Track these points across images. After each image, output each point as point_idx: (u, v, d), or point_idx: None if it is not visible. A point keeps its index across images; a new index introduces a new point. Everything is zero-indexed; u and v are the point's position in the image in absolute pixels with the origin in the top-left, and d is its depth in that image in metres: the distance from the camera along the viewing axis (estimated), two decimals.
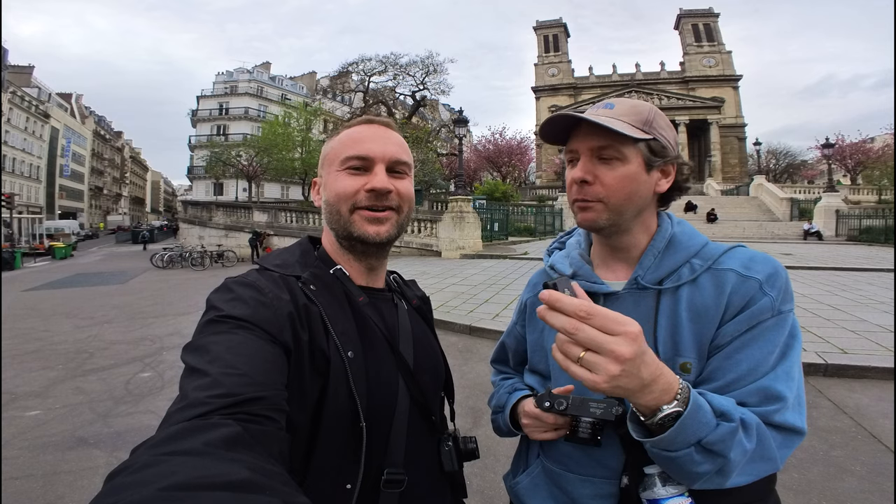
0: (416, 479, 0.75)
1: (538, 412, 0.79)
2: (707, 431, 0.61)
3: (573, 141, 0.80)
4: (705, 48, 49.53)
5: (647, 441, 0.64)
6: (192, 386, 0.54)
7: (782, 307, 0.72)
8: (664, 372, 0.61)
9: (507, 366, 1.07)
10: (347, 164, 0.78)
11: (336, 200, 0.78)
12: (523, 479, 0.90)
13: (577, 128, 0.79)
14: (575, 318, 0.56)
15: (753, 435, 0.64)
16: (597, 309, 0.57)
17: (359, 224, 0.78)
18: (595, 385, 0.57)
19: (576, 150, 0.80)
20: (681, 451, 0.62)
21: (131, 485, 0.38)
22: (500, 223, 20.62)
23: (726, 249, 0.80)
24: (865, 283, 8.90)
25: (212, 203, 26.47)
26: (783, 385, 0.68)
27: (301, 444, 0.66)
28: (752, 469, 0.66)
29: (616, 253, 0.85)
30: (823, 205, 23.32)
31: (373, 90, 36.00)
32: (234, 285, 0.70)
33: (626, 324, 0.56)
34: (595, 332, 0.56)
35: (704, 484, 0.66)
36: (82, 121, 64.37)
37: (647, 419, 0.63)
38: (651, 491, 0.70)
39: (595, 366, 0.56)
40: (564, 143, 0.83)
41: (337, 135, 0.83)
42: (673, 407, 0.61)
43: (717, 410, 0.63)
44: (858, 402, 3.75)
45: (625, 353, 0.55)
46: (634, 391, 0.59)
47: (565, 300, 0.57)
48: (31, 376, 4.92)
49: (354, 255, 0.82)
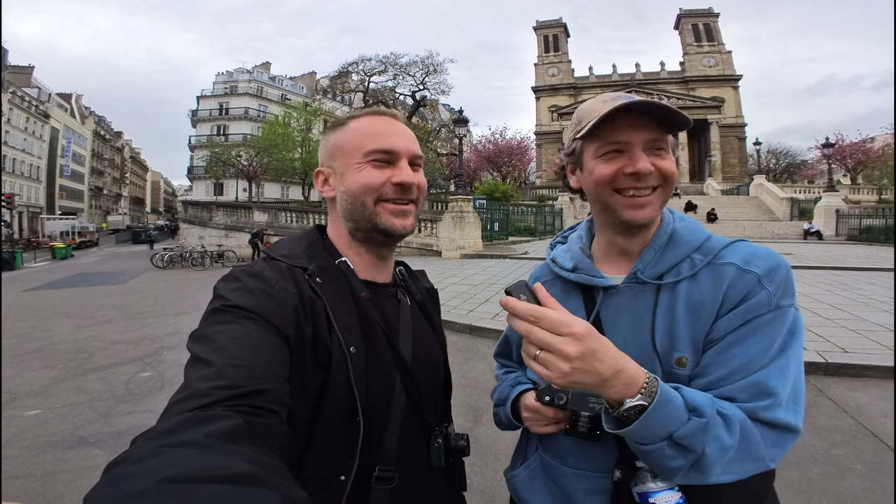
0: (407, 474, 0.75)
1: (538, 406, 0.79)
2: (677, 426, 0.62)
3: (619, 132, 0.75)
4: (705, 48, 49.53)
5: (618, 433, 0.65)
6: (196, 376, 0.55)
7: (781, 302, 0.70)
8: (626, 367, 0.63)
9: (510, 359, 1.07)
10: (372, 156, 0.78)
11: (361, 192, 0.78)
12: (521, 472, 0.91)
13: (621, 119, 0.74)
14: (526, 321, 0.61)
15: (736, 431, 0.63)
16: (544, 312, 0.61)
17: (384, 216, 0.79)
18: (550, 380, 0.62)
19: (626, 142, 0.76)
20: (653, 444, 0.63)
21: (129, 476, 0.38)
22: (500, 223, 20.63)
23: (728, 244, 0.79)
24: (866, 283, 8.89)
25: (212, 203, 26.47)
26: (776, 381, 0.66)
27: (300, 435, 0.66)
28: (738, 467, 0.65)
29: (625, 246, 0.84)
30: (823, 204, 23.32)
31: (373, 90, 36.02)
32: (241, 275, 0.71)
33: (571, 325, 0.60)
34: (544, 334, 0.60)
35: (684, 479, 0.65)
36: (82, 121, 64.40)
37: (613, 411, 0.65)
38: (642, 485, 0.70)
39: (548, 363, 0.60)
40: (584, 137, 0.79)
41: (343, 126, 0.83)
42: (636, 400, 0.62)
43: (690, 405, 0.63)
44: (859, 400, 3.75)
45: (571, 352, 0.59)
46: (593, 385, 0.62)
47: (518, 306, 0.62)
48: (32, 376, 4.92)
49: (368, 246, 0.82)
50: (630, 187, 0.77)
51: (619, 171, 0.77)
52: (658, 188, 0.78)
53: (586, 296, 0.85)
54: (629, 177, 0.77)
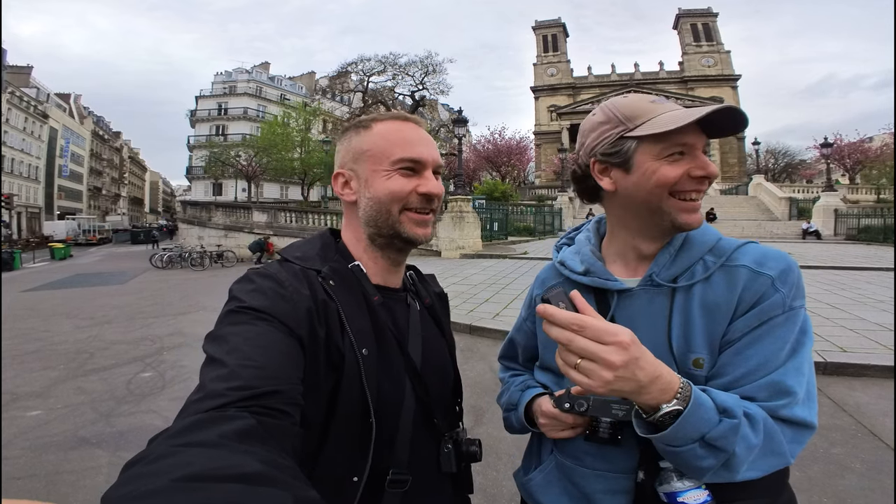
0: (418, 477, 0.76)
1: (557, 412, 0.79)
2: (709, 427, 0.63)
3: (687, 135, 0.75)
4: (704, 48, 49.60)
5: (652, 437, 0.66)
6: (210, 377, 0.55)
7: (793, 303, 0.72)
8: (663, 373, 0.63)
9: (515, 362, 1.06)
10: (400, 164, 0.78)
11: (389, 200, 0.78)
12: (536, 475, 0.90)
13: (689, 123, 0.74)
14: (569, 330, 0.61)
15: (760, 430, 0.65)
16: (588, 321, 0.61)
17: (408, 225, 0.79)
18: (592, 389, 0.61)
19: (691, 145, 0.76)
20: (685, 446, 0.64)
21: (147, 475, 0.39)
22: (499, 223, 20.64)
23: (739, 245, 0.79)
24: (864, 282, 8.93)
25: (211, 203, 26.40)
26: (793, 380, 0.68)
27: (313, 436, 0.67)
28: (763, 464, 0.67)
29: (647, 251, 0.83)
30: (822, 204, 23.36)
31: (372, 90, 36.03)
32: (255, 276, 0.71)
33: (617, 334, 0.60)
34: (588, 343, 0.60)
35: (712, 477, 0.67)
36: (81, 121, 64.22)
37: (648, 416, 0.66)
38: (668, 485, 0.70)
39: (590, 372, 0.60)
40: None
41: (367, 129, 0.82)
42: (672, 406, 0.63)
43: (720, 407, 0.64)
44: (858, 400, 3.77)
45: (616, 361, 0.59)
46: (632, 392, 0.62)
47: (559, 315, 0.61)
48: (32, 376, 4.92)
49: (386, 252, 0.82)
50: (693, 190, 0.77)
51: (685, 173, 0.75)
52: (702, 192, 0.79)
53: (599, 299, 0.84)
54: (695, 180, 0.76)
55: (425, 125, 0.85)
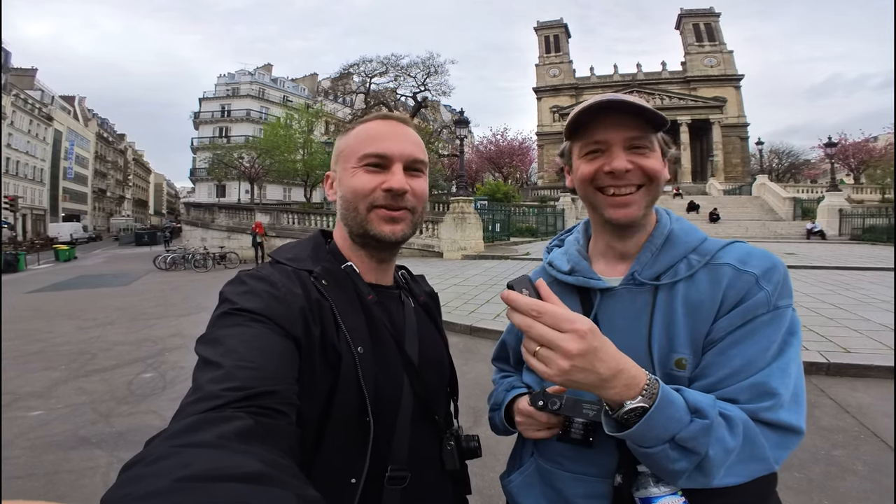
0: (419, 475, 0.75)
1: (531, 410, 0.79)
2: (679, 428, 0.61)
3: (599, 131, 0.76)
4: (706, 48, 49.44)
5: (619, 436, 0.64)
6: (206, 378, 0.55)
7: (779, 302, 0.70)
8: (626, 367, 0.62)
9: (507, 363, 1.06)
10: (365, 161, 0.77)
11: (353, 197, 0.78)
12: (516, 477, 0.90)
13: (603, 118, 0.76)
14: (528, 316, 0.60)
15: (739, 432, 0.63)
16: (547, 307, 0.59)
17: (375, 223, 0.78)
18: (549, 377, 0.60)
19: (604, 141, 0.77)
20: (655, 447, 0.62)
21: (147, 476, 0.38)
22: (501, 224, 20.61)
23: (724, 245, 0.79)
24: (868, 283, 8.86)
25: (214, 205, 26.49)
26: (777, 381, 0.66)
27: (310, 436, 0.66)
28: (743, 469, 0.64)
29: (621, 249, 0.84)
30: (826, 204, 23.22)
31: (374, 91, 36.06)
32: (247, 278, 0.71)
33: (574, 321, 0.59)
34: (545, 329, 0.59)
35: (688, 482, 0.65)
36: (85, 123, 64.64)
37: (613, 413, 0.64)
38: (644, 490, 0.69)
39: (548, 360, 0.59)
40: (570, 137, 0.82)
41: (351, 129, 0.83)
42: (637, 402, 0.61)
43: (692, 407, 0.62)
44: (861, 401, 3.74)
45: (572, 349, 0.57)
46: (592, 385, 0.61)
47: (520, 300, 0.61)
48: (34, 377, 4.94)
49: (367, 251, 0.82)
50: (610, 185, 0.78)
51: (599, 169, 0.78)
52: (642, 187, 0.78)
53: (583, 298, 0.84)
54: (608, 175, 0.77)
55: (412, 124, 0.85)
